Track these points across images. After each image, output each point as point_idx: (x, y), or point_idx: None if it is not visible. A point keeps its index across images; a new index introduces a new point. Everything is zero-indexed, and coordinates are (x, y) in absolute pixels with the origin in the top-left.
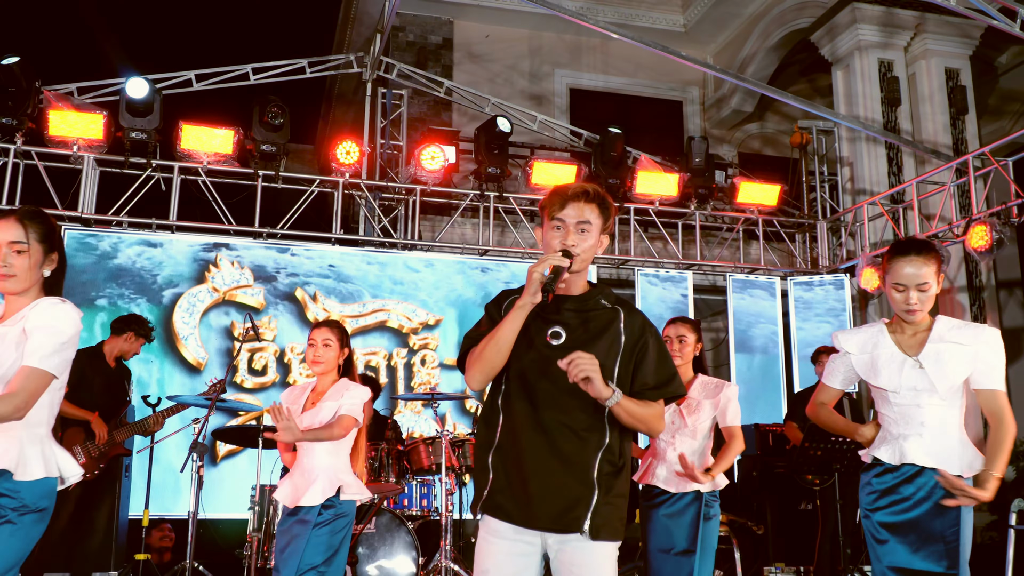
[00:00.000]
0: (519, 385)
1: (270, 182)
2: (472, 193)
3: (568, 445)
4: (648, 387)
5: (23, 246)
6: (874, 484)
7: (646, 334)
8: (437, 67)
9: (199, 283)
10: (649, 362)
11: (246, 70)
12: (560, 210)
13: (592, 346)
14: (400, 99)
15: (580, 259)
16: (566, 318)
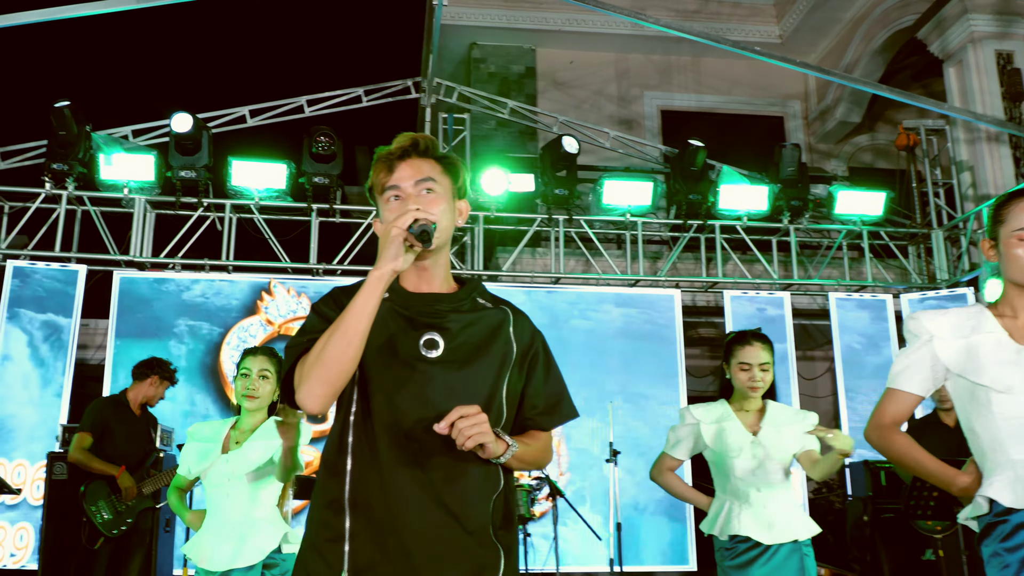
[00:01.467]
0: (382, 413)
1: (326, 216)
2: (539, 217)
3: (459, 494)
4: (538, 411)
5: None
6: (1003, 554)
7: (536, 342)
8: (521, 97)
9: (251, 315)
10: (539, 379)
11: (300, 102)
12: (388, 175)
13: (480, 359)
14: (462, 123)
15: (438, 230)
16: (444, 321)
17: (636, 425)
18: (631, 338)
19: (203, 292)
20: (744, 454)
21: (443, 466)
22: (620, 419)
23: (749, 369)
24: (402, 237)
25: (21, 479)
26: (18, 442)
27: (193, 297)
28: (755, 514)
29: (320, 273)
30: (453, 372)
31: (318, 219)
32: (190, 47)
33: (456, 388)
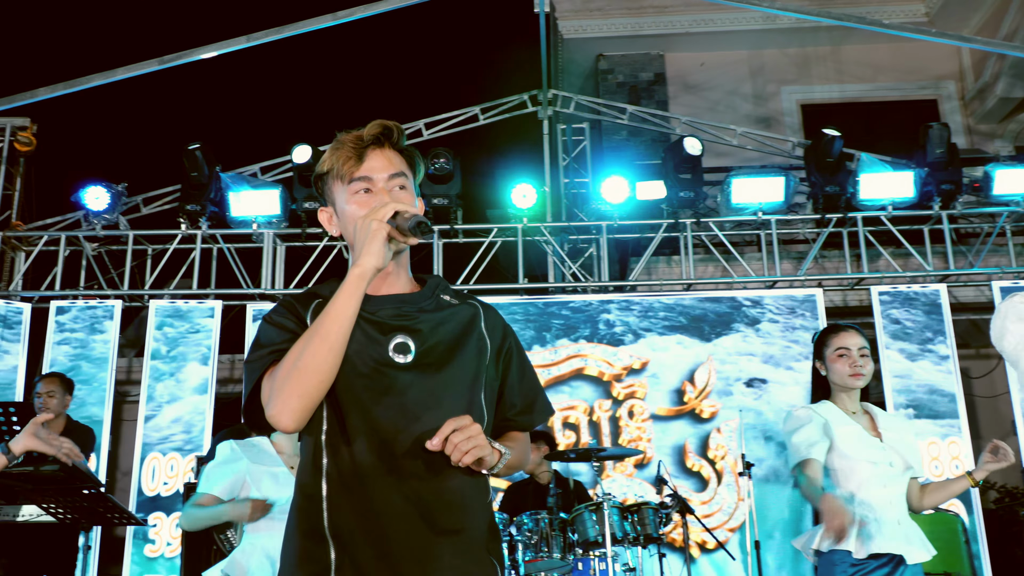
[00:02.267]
0: (358, 428)
1: (448, 237)
2: (664, 223)
3: (451, 511)
4: (517, 410)
5: None
6: None
7: (509, 337)
8: (652, 104)
9: None
10: (515, 377)
11: (419, 126)
12: (358, 164)
13: (455, 360)
14: (582, 133)
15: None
16: (413, 322)
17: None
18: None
19: None
20: (878, 460)
21: (431, 481)
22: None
23: (848, 354)
24: (385, 231)
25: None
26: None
27: None
28: (893, 529)
29: None
30: (430, 376)
31: (440, 240)
32: (311, 82)
33: (436, 394)
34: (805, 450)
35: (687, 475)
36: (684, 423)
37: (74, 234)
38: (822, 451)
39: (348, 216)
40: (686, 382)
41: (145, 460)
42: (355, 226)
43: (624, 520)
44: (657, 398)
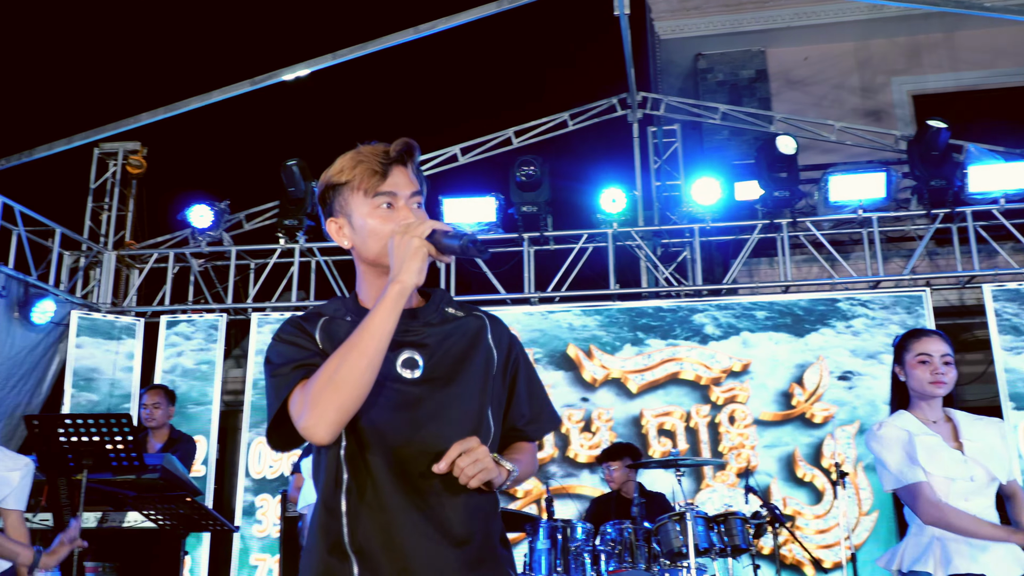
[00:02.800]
0: (372, 444)
1: (538, 244)
2: (759, 224)
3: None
4: (526, 420)
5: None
6: None
7: (515, 347)
8: (753, 102)
9: None
10: (523, 387)
11: (508, 135)
12: (383, 179)
13: (463, 374)
14: (674, 135)
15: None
16: (420, 337)
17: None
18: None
19: None
20: (957, 475)
21: (443, 495)
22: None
23: (930, 360)
24: (426, 250)
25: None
26: (272, 487)
27: None
28: (976, 547)
29: (536, 302)
30: (440, 390)
31: (530, 248)
32: (399, 94)
33: (446, 407)
34: (910, 474)
35: (798, 486)
36: (793, 428)
37: (181, 251)
38: (921, 471)
39: (368, 229)
40: (794, 384)
41: (251, 445)
42: (392, 242)
43: (710, 530)
44: (761, 402)
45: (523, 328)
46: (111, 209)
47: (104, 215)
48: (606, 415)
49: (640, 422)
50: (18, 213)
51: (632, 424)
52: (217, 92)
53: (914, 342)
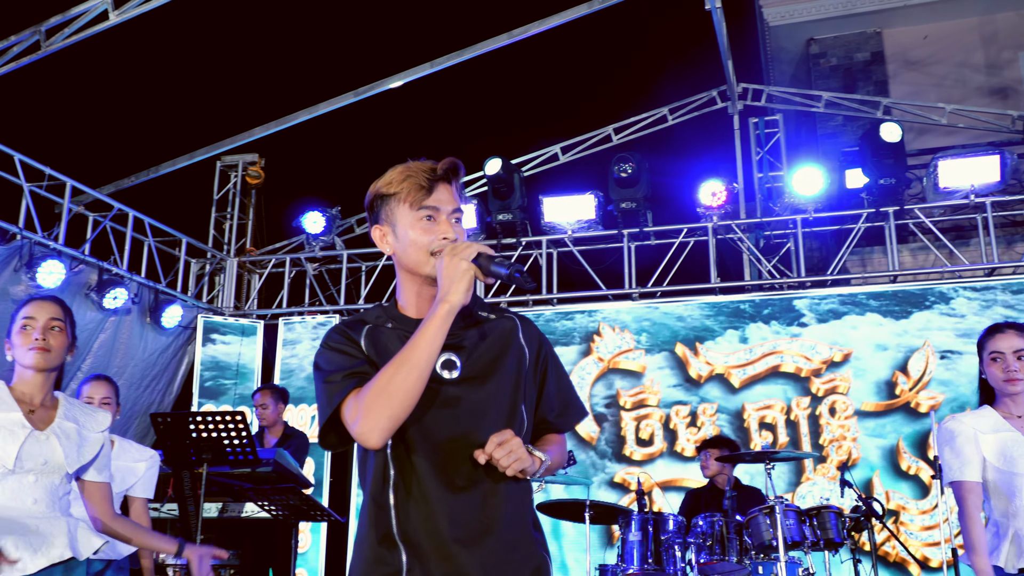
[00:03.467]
0: (416, 441)
1: (637, 240)
2: (865, 213)
3: (502, 510)
4: (555, 413)
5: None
6: None
7: (544, 346)
8: (869, 86)
9: (586, 355)
10: (552, 382)
11: (608, 132)
12: (429, 194)
13: (497, 373)
14: (775, 124)
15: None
16: (456, 340)
17: None
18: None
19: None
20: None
21: (481, 485)
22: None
23: (1001, 358)
24: (472, 272)
25: None
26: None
27: None
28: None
29: (637, 297)
30: (477, 388)
31: (631, 244)
32: (498, 98)
33: (483, 404)
34: (958, 471)
35: (902, 479)
36: (897, 419)
37: (297, 256)
38: (975, 470)
39: (410, 239)
40: (897, 372)
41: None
42: (441, 263)
43: (802, 524)
44: (863, 392)
45: (631, 322)
46: (233, 218)
47: (226, 224)
48: (710, 410)
49: (742, 416)
50: (147, 225)
51: (735, 418)
52: (323, 104)
53: (988, 340)
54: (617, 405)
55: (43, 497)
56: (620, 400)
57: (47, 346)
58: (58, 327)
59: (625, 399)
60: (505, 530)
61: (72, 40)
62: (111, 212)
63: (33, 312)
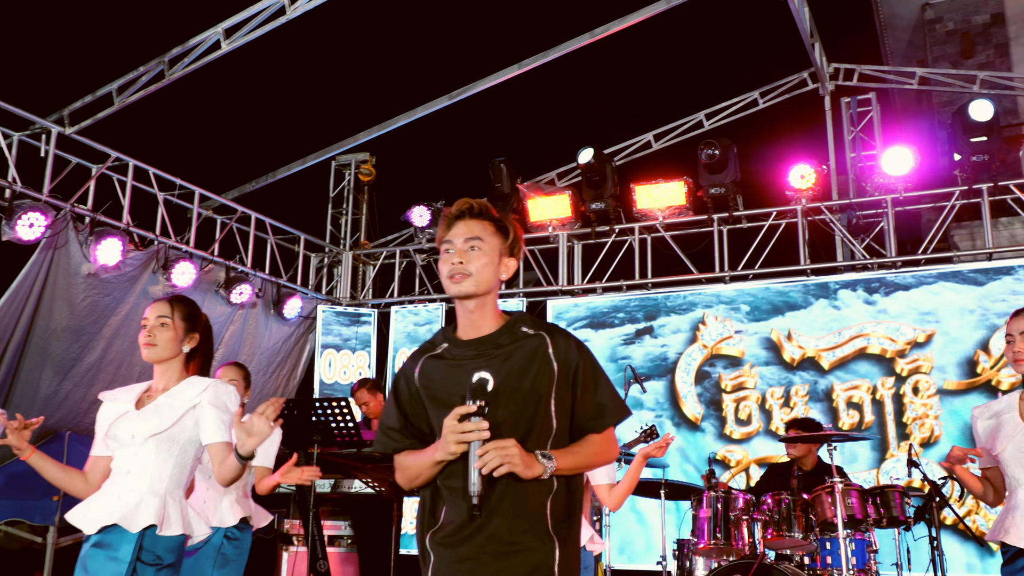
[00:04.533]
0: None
1: (726, 223)
2: (957, 190)
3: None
4: (589, 417)
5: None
6: None
7: (579, 357)
8: (988, 50)
9: (692, 343)
10: (587, 388)
11: (699, 118)
12: (447, 231)
13: (524, 384)
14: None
15: (475, 279)
16: (488, 359)
17: None
18: None
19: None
20: (1012, 445)
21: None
22: None
23: (1012, 341)
24: (456, 453)
25: None
26: None
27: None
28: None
29: (728, 280)
30: (503, 405)
31: (720, 227)
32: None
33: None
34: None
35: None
36: (977, 397)
37: (406, 248)
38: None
39: (440, 273)
40: (979, 351)
41: None
42: (445, 438)
43: (865, 502)
44: (945, 371)
45: (730, 307)
46: (347, 214)
47: (342, 219)
48: (802, 391)
49: (831, 396)
50: (268, 226)
51: (825, 398)
52: (426, 106)
53: (1007, 324)
54: (719, 388)
55: (133, 468)
56: (721, 384)
57: (152, 341)
58: (165, 323)
59: (726, 383)
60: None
61: (192, 68)
62: (235, 215)
63: (147, 314)
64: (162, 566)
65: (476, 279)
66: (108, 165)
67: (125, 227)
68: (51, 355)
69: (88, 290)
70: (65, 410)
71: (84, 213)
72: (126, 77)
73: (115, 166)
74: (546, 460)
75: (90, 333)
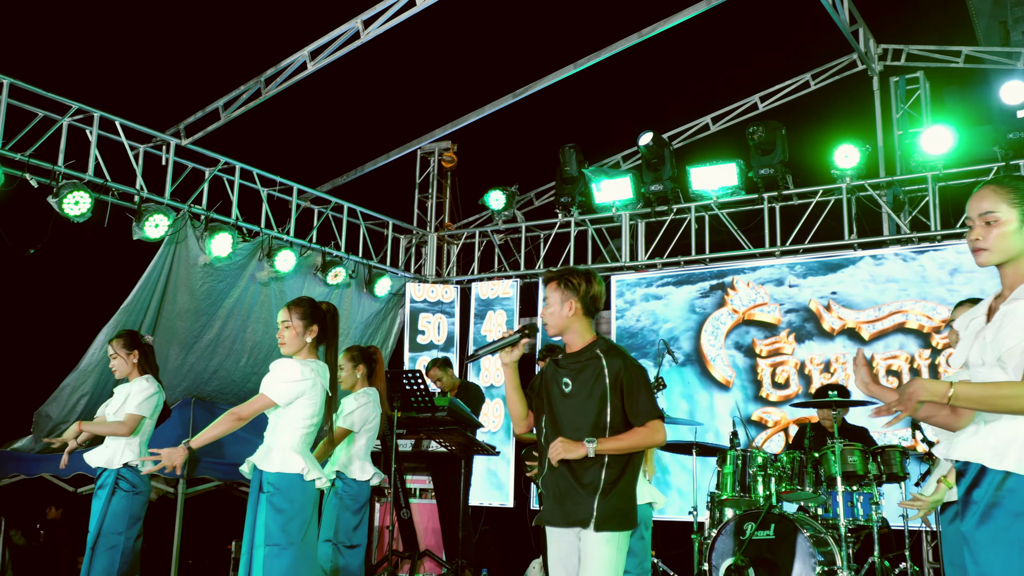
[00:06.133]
0: (550, 424)
1: (775, 201)
2: (995, 167)
3: (575, 465)
4: (632, 415)
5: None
6: None
7: (620, 372)
8: None
9: (720, 307)
10: (628, 394)
11: (754, 100)
12: (545, 290)
13: (585, 390)
14: (915, 82)
15: (548, 326)
16: (570, 372)
17: None
18: None
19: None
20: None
21: (562, 463)
22: None
23: (972, 225)
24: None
25: None
26: None
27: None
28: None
29: (779, 255)
30: (571, 402)
31: (770, 205)
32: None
33: (573, 411)
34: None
35: None
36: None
37: (484, 229)
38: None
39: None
40: None
41: None
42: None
43: (867, 460)
44: None
45: (770, 278)
46: (432, 198)
47: (428, 203)
48: (842, 359)
49: (872, 364)
50: (359, 213)
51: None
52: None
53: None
54: (753, 353)
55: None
56: (756, 348)
57: (283, 341)
58: (287, 325)
59: (761, 347)
60: (576, 476)
61: (284, 86)
62: (330, 205)
63: (277, 319)
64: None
65: (552, 324)
66: (218, 169)
67: (234, 222)
68: (177, 333)
69: (205, 278)
70: (190, 380)
71: (199, 212)
72: (229, 95)
73: (224, 169)
74: (589, 444)
75: (208, 314)
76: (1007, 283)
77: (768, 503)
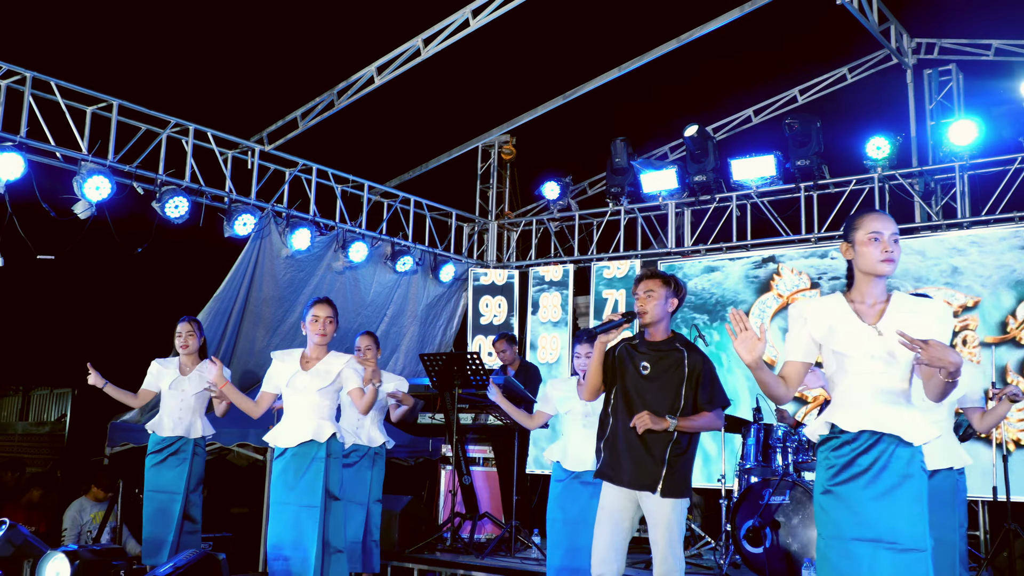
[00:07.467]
0: (622, 397)
1: (810, 191)
2: (1019, 157)
3: (649, 438)
4: (704, 401)
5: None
6: (831, 458)
7: (698, 367)
8: None
9: (766, 291)
10: (703, 384)
11: (793, 94)
12: (636, 288)
13: (665, 376)
14: (948, 75)
15: (648, 315)
16: (650, 357)
17: None
18: None
19: (712, 280)
20: (869, 351)
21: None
22: None
23: (880, 239)
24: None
25: None
26: None
27: (704, 284)
28: None
29: (815, 241)
30: (651, 383)
31: (807, 194)
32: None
33: (653, 390)
34: (784, 352)
35: None
36: (1005, 349)
37: (541, 217)
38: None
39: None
40: (1009, 316)
41: None
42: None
43: None
44: (986, 328)
45: (809, 264)
46: (492, 188)
47: (489, 193)
48: None
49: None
50: (425, 205)
51: None
52: (558, 98)
53: (865, 220)
54: None
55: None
56: None
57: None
58: (332, 320)
59: None
60: (649, 449)
61: (355, 98)
62: (398, 199)
63: (316, 312)
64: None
65: (650, 315)
66: (297, 170)
67: (312, 218)
68: (263, 318)
69: (287, 268)
70: None
71: (281, 210)
72: (306, 106)
73: (302, 170)
74: (671, 419)
75: (289, 301)
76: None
77: (785, 471)
